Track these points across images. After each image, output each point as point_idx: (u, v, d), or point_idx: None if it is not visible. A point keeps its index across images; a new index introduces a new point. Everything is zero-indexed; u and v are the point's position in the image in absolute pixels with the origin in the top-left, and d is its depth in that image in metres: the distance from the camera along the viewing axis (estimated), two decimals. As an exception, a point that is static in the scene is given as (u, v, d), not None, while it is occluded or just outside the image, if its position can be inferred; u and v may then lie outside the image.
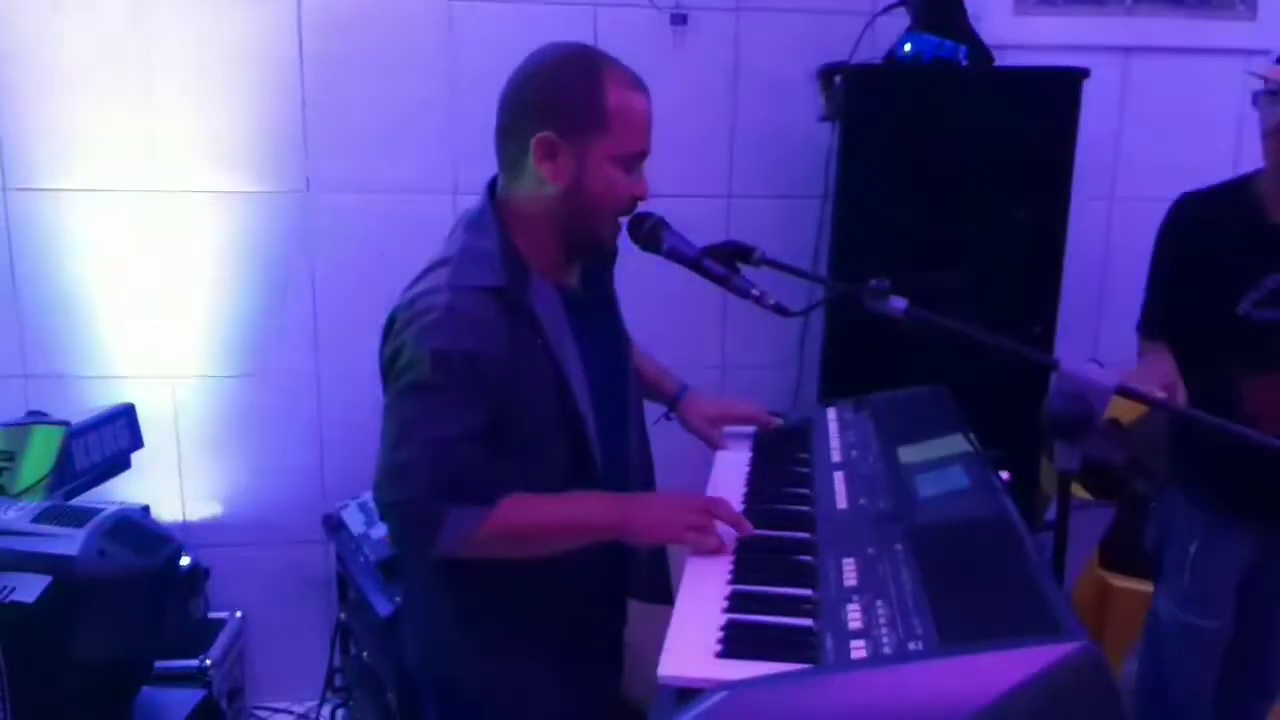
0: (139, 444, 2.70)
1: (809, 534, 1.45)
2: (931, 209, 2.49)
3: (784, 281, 1.71)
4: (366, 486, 2.29)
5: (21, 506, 1.84)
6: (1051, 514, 1.56)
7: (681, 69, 2.78)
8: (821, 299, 1.85)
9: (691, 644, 1.18)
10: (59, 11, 2.61)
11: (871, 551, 1.33)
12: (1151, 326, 2.18)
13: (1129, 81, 2.96)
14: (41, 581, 1.65)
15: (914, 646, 1.09)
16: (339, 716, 2.76)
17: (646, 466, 1.75)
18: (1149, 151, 2.98)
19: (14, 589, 1.64)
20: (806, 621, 1.22)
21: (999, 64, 2.68)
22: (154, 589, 1.77)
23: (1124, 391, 1.34)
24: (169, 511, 2.84)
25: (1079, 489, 2.59)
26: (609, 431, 1.58)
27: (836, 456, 1.71)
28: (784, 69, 2.80)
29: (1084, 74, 2.51)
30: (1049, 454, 2.48)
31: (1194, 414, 1.65)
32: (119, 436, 2.63)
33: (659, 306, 2.48)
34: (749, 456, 1.81)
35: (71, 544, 1.71)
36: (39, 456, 2.30)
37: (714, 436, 1.87)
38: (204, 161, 2.72)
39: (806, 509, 1.55)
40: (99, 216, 2.71)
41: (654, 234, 1.61)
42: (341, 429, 2.86)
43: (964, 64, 2.51)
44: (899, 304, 1.44)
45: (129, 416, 2.69)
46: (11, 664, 1.63)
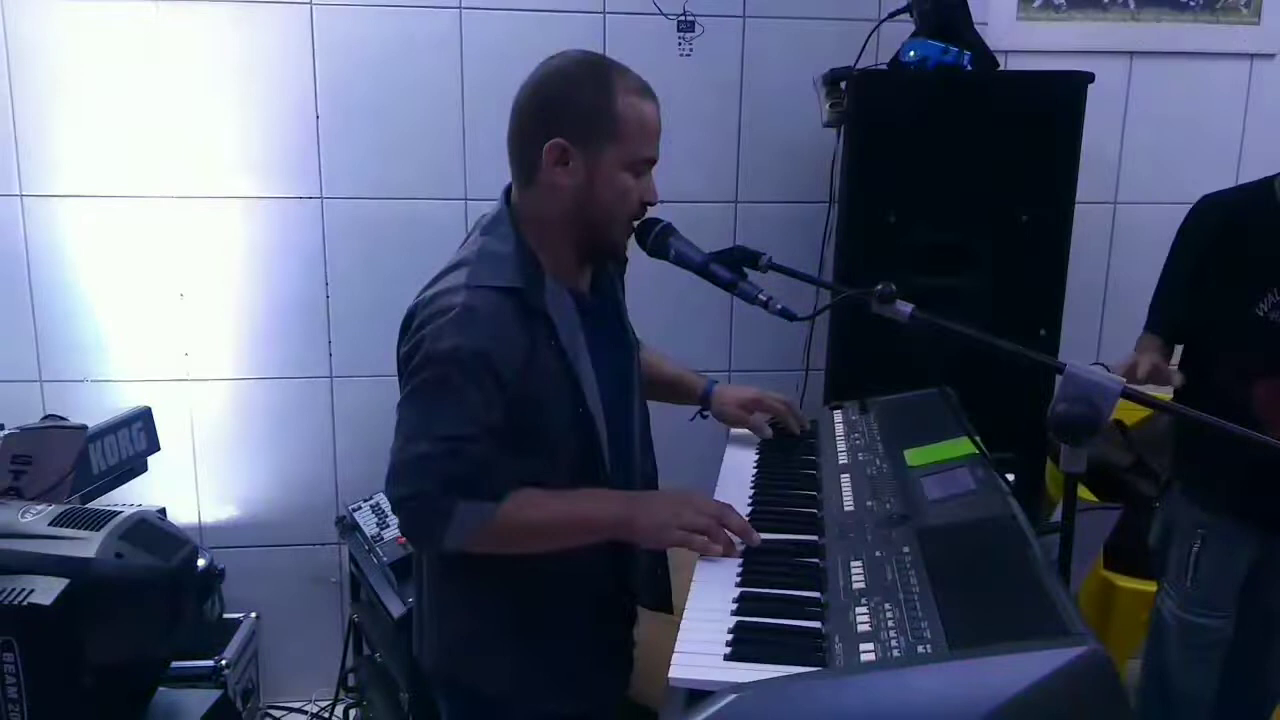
0: (155, 447, 2.71)
1: (816, 536, 1.46)
2: (936, 213, 2.50)
3: (790, 286, 1.72)
4: (379, 488, 2.33)
5: (39, 510, 1.86)
6: (1057, 516, 1.56)
7: (689, 76, 2.80)
8: (828, 303, 1.86)
9: (701, 646, 1.19)
10: (77, 21, 2.63)
11: (879, 554, 1.34)
12: (1157, 323, 2.18)
13: (1133, 86, 2.96)
14: (59, 584, 1.66)
15: (922, 649, 1.10)
16: (352, 716, 2.77)
17: (650, 467, 1.77)
18: (1153, 155, 2.98)
19: (32, 591, 1.65)
20: (815, 624, 1.23)
21: (1003, 69, 2.69)
22: (170, 590, 1.78)
23: (1130, 395, 1.34)
24: (185, 513, 2.86)
25: (1083, 493, 2.59)
26: (616, 432, 1.60)
27: (843, 459, 1.72)
28: (790, 75, 2.81)
29: (1088, 78, 2.51)
30: (1055, 456, 2.50)
31: (1196, 415, 1.66)
32: (136, 440, 2.64)
33: (667, 311, 2.51)
34: (755, 458, 1.82)
35: (89, 546, 1.72)
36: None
37: (753, 422, 1.88)
38: (220, 168, 2.75)
39: (813, 511, 1.56)
40: (112, 222, 2.74)
41: (661, 239, 1.62)
42: (354, 432, 2.89)
43: (968, 69, 2.51)
44: (904, 308, 1.44)
45: (146, 420, 2.70)
46: (29, 665, 1.64)
